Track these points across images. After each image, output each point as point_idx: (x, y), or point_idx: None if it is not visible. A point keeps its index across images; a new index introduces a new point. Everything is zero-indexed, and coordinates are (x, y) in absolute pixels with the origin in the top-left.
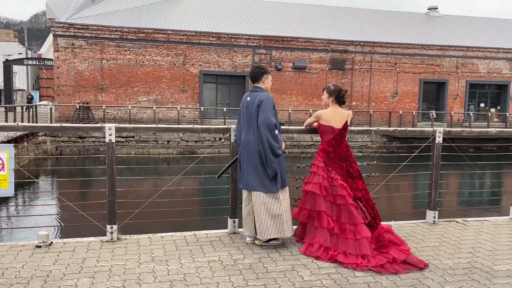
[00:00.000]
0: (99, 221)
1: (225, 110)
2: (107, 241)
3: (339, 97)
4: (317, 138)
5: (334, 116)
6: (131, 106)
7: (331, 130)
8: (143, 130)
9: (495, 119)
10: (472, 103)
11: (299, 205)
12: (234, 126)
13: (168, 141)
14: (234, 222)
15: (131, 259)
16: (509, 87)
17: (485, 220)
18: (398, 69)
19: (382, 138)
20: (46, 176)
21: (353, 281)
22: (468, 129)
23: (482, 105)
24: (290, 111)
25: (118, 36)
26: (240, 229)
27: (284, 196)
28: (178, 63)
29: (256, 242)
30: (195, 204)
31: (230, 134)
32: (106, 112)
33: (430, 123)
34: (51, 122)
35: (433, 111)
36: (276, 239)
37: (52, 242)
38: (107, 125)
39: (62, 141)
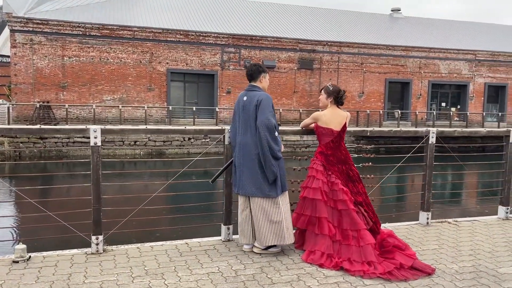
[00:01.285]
0: (80, 231)
1: (194, 109)
2: (93, 253)
3: (338, 98)
4: (287, 138)
5: (333, 117)
6: (96, 105)
7: (329, 132)
8: (131, 132)
9: (456, 118)
10: (434, 102)
11: (297, 211)
12: (229, 127)
13: (135, 141)
14: (228, 229)
15: (123, 273)
16: (468, 87)
17: (475, 220)
18: (364, 69)
19: (350, 137)
20: (12, 181)
21: None
22: (459, 129)
23: (443, 104)
24: None
25: (80, 32)
26: (235, 236)
27: (284, 201)
28: (144, 61)
29: (255, 250)
30: (183, 210)
31: (224, 136)
32: (69, 112)
33: (396, 122)
34: (8, 122)
35: (398, 110)
36: (275, 246)
37: (30, 256)
38: (92, 127)
39: (21, 142)
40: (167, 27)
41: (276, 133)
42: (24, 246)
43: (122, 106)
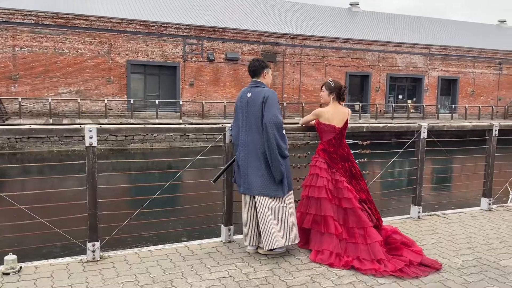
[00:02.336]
0: (72, 237)
1: (157, 102)
2: (89, 261)
3: (340, 94)
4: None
5: (335, 114)
6: (52, 99)
7: (332, 129)
8: (128, 131)
9: (412, 110)
10: (391, 95)
11: (301, 210)
12: (229, 125)
13: None
14: (229, 230)
15: (128, 282)
16: (423, 80)
17: (461, 213)
18: (326, 62)
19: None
20: None
21: None
22: (448, 124)
23: (400, 97)
24: (225, 104)
25: (33, 21)
26: (235, 237)
27: (290, 200)
28: (102, 52)
29: (260, 251)
30: (179, 212)
31: (224, 134)
32: (21, 105)
33: (357, 115)
34: None
35: (359, 103)
36: (280, 246)
37: (21, 267)
38: (87, 126)
39: None
40: (126, 17)
41: (284, 131)
42: (14, 256)
43: (80, 100)
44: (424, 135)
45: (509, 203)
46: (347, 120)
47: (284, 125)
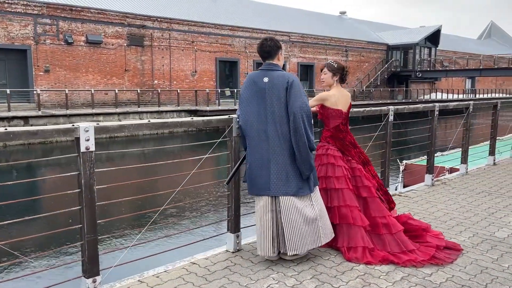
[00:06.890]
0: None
1: (8, 92)
2: None
3: (343, 76)
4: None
5: (341, 98)
6: None
7: (339, 114)
8: (131, 128)
9: None
10: None
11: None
12: (236, 116)
13: None
14: (237, 237)
15: None
16: (286, 66)
17: (413, 190)
18: (195, 47)
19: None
20: None
21: (435, 281)
22: (407, 106)
23: None
24: (93, 92)
25: None
26: (243, 241)
27: (317, 197)
28: None
29: (285, 257)
30: (171, 224)
31: (231, 127)
32: None
33: (228, 101)
34: None
35: (228, 89)
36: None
37: None
38: (82, 125)
39: None
40: None
41: (312, 121)
42: None
43: None
44: (391, 118)
45: (401, 172)
46: (350, 103)
47: None
